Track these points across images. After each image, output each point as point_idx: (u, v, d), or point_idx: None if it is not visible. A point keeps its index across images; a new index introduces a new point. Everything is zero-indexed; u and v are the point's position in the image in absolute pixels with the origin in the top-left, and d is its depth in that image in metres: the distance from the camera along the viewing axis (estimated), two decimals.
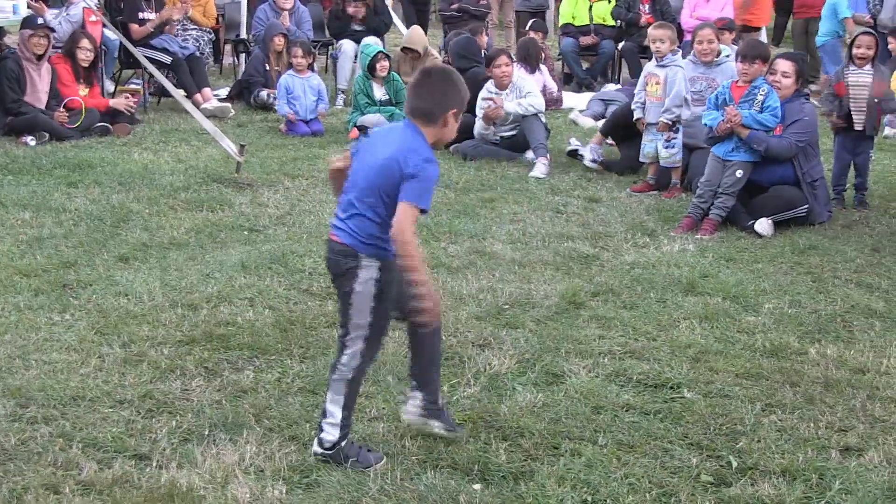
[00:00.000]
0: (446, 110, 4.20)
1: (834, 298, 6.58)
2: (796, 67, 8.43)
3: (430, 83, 4.27)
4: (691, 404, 5.02)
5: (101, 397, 4.90)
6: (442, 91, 4.23)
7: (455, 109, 4.22)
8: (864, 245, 7.78)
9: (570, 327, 5.95)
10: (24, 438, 4.48)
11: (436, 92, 4.23)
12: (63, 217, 7.77)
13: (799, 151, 8.11)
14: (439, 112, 4.19)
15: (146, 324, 5.80)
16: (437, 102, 4.20)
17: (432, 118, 4.19)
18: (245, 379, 5.16)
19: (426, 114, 4.20)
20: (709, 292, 6.57)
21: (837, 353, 5.71)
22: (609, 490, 4.21)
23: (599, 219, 8.35)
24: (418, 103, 4.23)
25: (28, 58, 10.45)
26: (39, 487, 4.10)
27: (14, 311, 5.92)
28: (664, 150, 9.21)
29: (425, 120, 4.19)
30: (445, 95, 4.22)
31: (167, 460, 4.35)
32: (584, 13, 14.66)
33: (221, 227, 7.73)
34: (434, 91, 4.24)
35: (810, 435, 4.75)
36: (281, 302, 6.22)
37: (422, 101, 4.22)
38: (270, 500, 4.06)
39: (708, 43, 9.24)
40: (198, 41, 13.38)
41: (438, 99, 4.21)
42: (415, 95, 4.26)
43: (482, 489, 4.20)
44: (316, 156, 10.20)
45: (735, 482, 4.32)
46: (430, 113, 4.19)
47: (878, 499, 4.20)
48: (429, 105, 4.20)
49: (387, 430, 4.65)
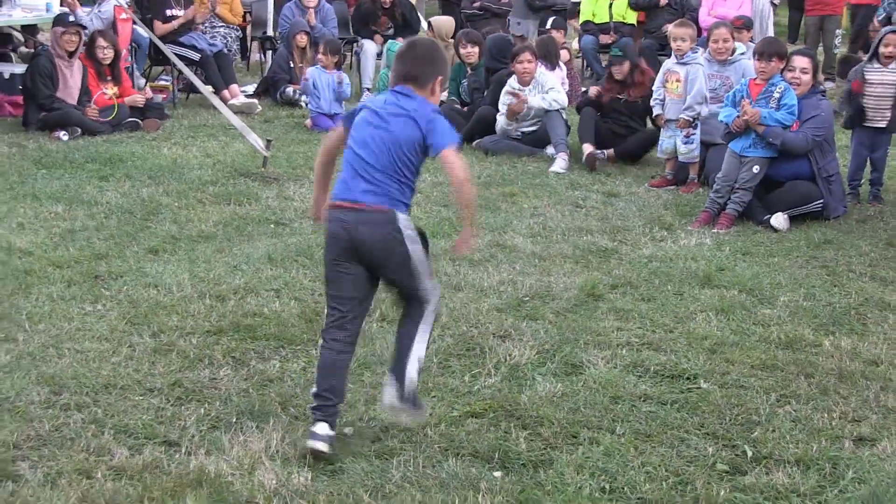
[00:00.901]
0: (434, 76, 4.45)
1: (848, 292, 6.56)
2: (813, 63, 8.40)
3: (417, 52, 4.51)
4: (707, 395, 5.02)
5: (131, 385, 4.93)
6: (430, 59, 4.49)
7: (440, 77, 4.49)
8: (879, 239, 7.75)
9: (588, 319, 5.95)
10: (58, 425, 4.52)
11: (424, 60, 4.48)
12: (95, 210, 7.82)
13: (815, 147, 8.07)
14: (427, 77, 4.44)
15: (175, 314, 5.83)
16: (424, 69, 4.44)
17: (421, 82, 4.42)
18: (271, 368, 5.19)
19: (416, 78, 4.43)
20: (725, 285, 6.56)
21: (851, 345, 5.70)
22: (626, 478, 4.21)
23: (618, 213, 8.34)
24: (408, 69, 4.45)
25: (60, 55, 10.48)
26: (73, 472, 4.14)
27: (48, 301, 5.96)
28: (682, 146, 9.18)
29: (416, 84, 4.43)
30: (433, 63, 4.48)
31: (196, 447, 4.38)
32: (604, 11, 14.59)
33: (248, 220, 7.75)
34: (422, 59, 4.48)
35: (824, 425, 4.75)
36: (306, 293, 6.24)
37: (411, 68, 4.45)
38: (296, 486, 4.08)
39: (723, 42, 9.22)
40: (225, 38, 13.41)
41: (427, 66, 4.46)
42: (404, 63, 4.50)
43: (502, 476, 4.22)
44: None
45: (750, 471, 4.33)
46: (418, 77, 4.42)
47: (890, 487, 4.19)
48: (417, 71, 4.43)
49: None
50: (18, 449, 4.32)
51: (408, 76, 4.44)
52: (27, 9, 11.94)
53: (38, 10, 11.92)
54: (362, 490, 4.08)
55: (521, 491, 4.10)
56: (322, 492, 4.06)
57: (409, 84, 4.43)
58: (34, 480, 4.08)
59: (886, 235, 7.86)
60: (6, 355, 5.20)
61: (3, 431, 4.43)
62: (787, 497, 4.13)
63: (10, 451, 4.29)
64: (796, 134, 7.99)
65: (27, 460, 4.23)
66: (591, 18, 14.74)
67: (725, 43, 9.21)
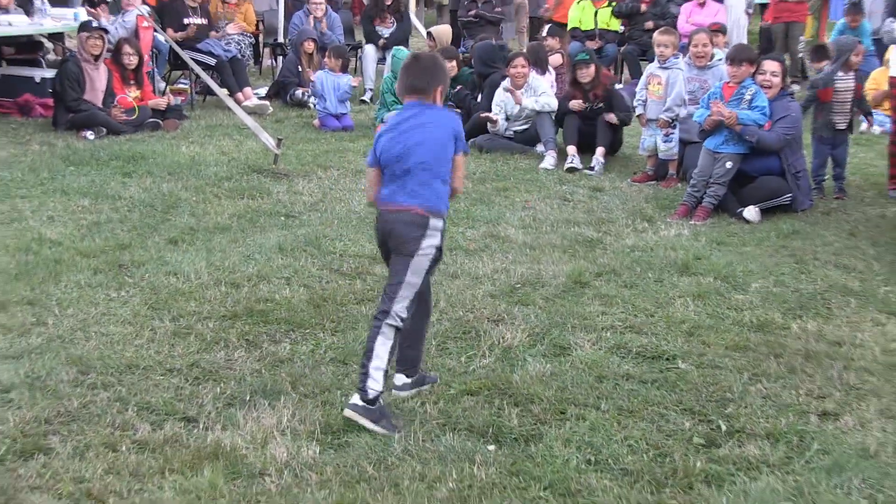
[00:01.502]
0: (436, 86, 4.52)
1: (814, 278, 6.57)
2: (783, 67, 8.45)
3: (421, 65, 4.59)
4: (685, 374, 5.03)
5: (153, 366, 4.94)
6: (432, 71, 4.56)
7: (441, 87, 4.56)
8: (842, 230, 7.75)
9: (575, 304, 5.96)
10: (86, 402, 4.53)
11: (426, 72, 4.55)
12: (119, 204, 7.81)
13: (787, 144, 8.10)
14: (430, 88, 4.52)
15: (193, 300, 5.84)
16: (428, 80, 4.52)
17: (425, 93, 4.51)
18: (282, 350, 5.19)
19: (421, 89, 4.51)
20: (701, 273, 6.56)
21: (817, 327, 5.70)
22: (610, 451, 4.22)
23: (603, 206, 8.34)
24: (413, 81, 4.54)
25: (86, 59, 10.47)
26: (99, 446, 4.15)
27: (75, 288, 5.96)
28: (662, 144, 9.21)
29: (421, 94, 4.53)
30: (434, 75, 4.55)
31: (212, 423, 4.38)
32: (589, 19, 14.59)
33: (261, 213, 7.75)
34: (425, 71, 4.55)
35: (792, 401, 4.76)
36: (314, 281, 6.24)
37: (416, 80, 4.53)
38: (305, 459, 4.09)
39: (703, 47, 9.20)
40: (239, 45, 13.38)
41: (429, 77, 4.53)
42: (410, 75, 4.59)
43: (496, 450, 4.22)
44: (346, 149, 10.21)
45: (724, 444, 4.33)
46: (424, 89, 4.51)
47: (851, 458, 4.20)
48: (422, 83, 4.51)
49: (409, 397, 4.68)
50: (50, 424, 4.33)
51: (414, 88, 4.52)
52: (56, 18, 11.95)
53: (66, 19, 11.91)
54: (366, 462, 4.08)
55: (513, 463, 4.11)
56: (329, 464, 4.07)
57: (415, 95, 4.52)
58: (64, 453, 4.09)
59: (849, 227, 7.86)
60: (38, 338, 5.21)
61: (36, 408, 4.44)
62: (757, 468, 4.14)
63: (42, 426, 4.30)
64: (770, 133, 8.01)
65: (58, 434, 4.24)
66: (578, 25, 14.73)
67: (705, 48, 9.20)
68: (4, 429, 4.26)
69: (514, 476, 4.01)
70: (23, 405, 4.48)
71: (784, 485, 4.00)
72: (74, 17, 11.76)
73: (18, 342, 5.15)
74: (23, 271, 6.19)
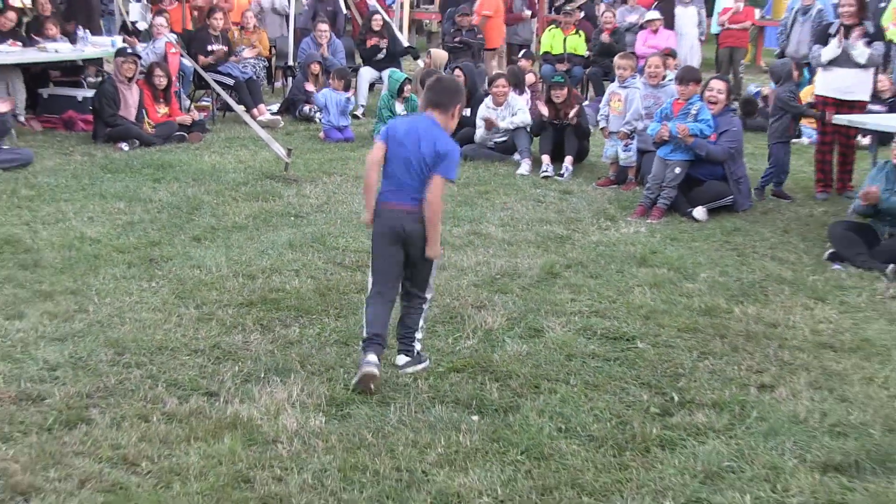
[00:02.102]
0: (455, 104, 4.59)
1: (753, 269, 6.58)
2: (728, 87, 8.51)
3: (443, 85, 4.68)
4: (643, 352, 5.04)
5: (180, 347, 4.92)
6: (453, 91, 4.64)
7: (459, 105, 4.62)
8: (777, 228, 7.77)
9: (548, 292, 5.96)
10: (121, 379, 4.52)
11: (448, 91, 4.63)
12: (149, 206, 7.77)
13: (730, 156, 8.13)
14: (451, 105, 4.57)
15: (214, 290, 5.82)
16: (449, 98, 4.59)
17: (446, 109, 4.56)
18: (292, 333, 5.18)
19: (442, 105, 4.56)
20: (657, 265, 6.57)
21: (756, 311, 5.72)
22: (578, 420, 4.23)
23: (571, 207, 8.33)
24: (436, 98, 4.59)
25: (121, 80, 10.41)
26: (133, 417, 4.14)
27: (112, 279, 5.93)
28: (623, 154, 9.22)
29: (442, 110, 4.56)
30: (455, 94, 4.63)
31: (231, 397, 4.37)
32: (559, 44, 14.57)
33: (273, 213, 7.72)
34: (447, 91, 4.63)
35: (734, 375, 4.78)
36: (320, 273, 6.23)
37: (438, 97, 4.58)
38: (312, 428, 4.09)
39: (656, 68, 9.20)
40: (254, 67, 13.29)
41: (450, 96, 4.59)
42: (434, 92, 4.63)
43: (479, 420, 4.23)
44: (348, 157, 10.18)
45: (676, 413, 4.35)
46: (446, 105, 4.56)
47: (784, 424, 4.23)
48: (444, 99, 4.57)
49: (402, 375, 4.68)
50: (90, 398, 4.32)
51: (437, 103, 4.56)
52: (96, 45, 12.04)
53: (104, 45, 11.97)
54: (366, 431, 4.08)
55: (494, 431, 4.12)
56: (333, 432, 4.06)
57: (436, 110, 4.56)
58: (103, 423, 4.08)
59: (782, 224, 7.88)
60: (80, 323, 5.19)
61: (78, 384, 4.43)
62: (705, 433, 4.15)
63: (84, 399, 4.30)
64: (716, 146, 8.04)
65: (97, 407, 4.23)
66: (549, 50, 14.71)
67: (658, 69, 9.19)
68: (51, 402, 4.26)
69: (494, 442, 4.02)
70: (67, 382, 4.46)
71: (727, 447, 4.03)
72: (112, 45, 11.79)
73: (63, 327, 5.13)
74: (67, 265, 6.16)
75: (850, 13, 8.49)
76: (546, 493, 3.65)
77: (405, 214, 4.50)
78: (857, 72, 8.53)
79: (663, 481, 3.75)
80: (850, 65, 8.51)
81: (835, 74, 8.65)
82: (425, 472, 3.77)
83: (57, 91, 11.64)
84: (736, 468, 3.87)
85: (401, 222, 4.51)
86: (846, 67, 8.54)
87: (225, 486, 3.63)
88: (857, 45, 8.38)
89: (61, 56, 11.32)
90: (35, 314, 5.29)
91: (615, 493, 3.67)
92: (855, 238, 6.83)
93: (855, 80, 8.58)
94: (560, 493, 3.66)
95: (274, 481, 3.68)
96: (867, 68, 8.56)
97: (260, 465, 3.78)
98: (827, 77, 8.77)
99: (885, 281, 6.37)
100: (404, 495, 3.60)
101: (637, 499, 3.63)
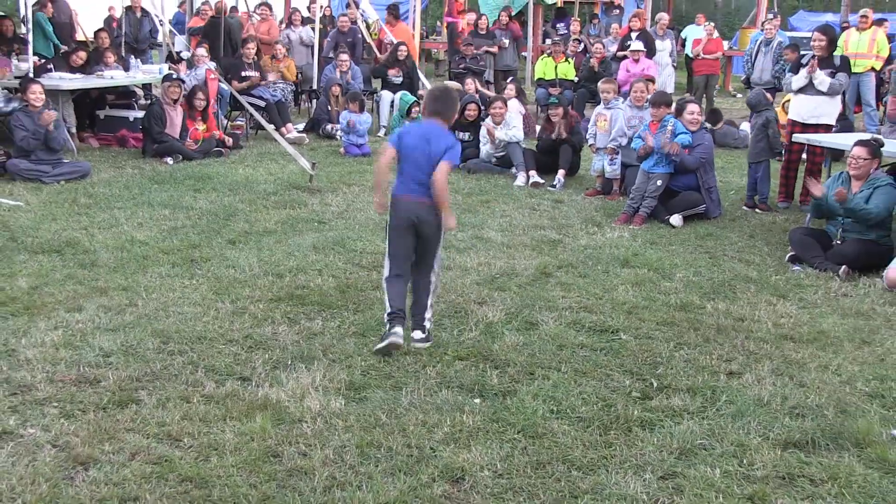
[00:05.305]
0: (453, 113, 4.89)
1: (723, 270, 6.57)
2: (701, 109, 8.54)
3: (445, 96, 4.87)
4: (626, 343, 5.03)
5: (217, 338, 4.92)
6: (452, 101, 4.89)
7: (454, 113, 4.92)
8: (744, 233, 7.75)
9: (541, 290, 5.95)
10: (166, 365, 4.52)
11: (448, 101, 4.85)
12: (191, 213, 7.78)
13: (701, 166, 8.14)
14: (450, 114, 4.84)
15: (247, 287, 5.82)
16: (449, 107, 4.83)
17: (446, 116, 4.79)
18: (316, 326, 5.17)
19: (443, 113, 4.78)
20: (638, 266, 6.56)
21: (725, 307, 5.71)
22: (569, 403, 4.22)
23: (563, 214, 8.32)
24: (439, 107, 4.79)
25: (167, 102, 10.44)
26: (177, 398, 4.14)
27: (158, 277, 5.94)
28: (609, 167, 9.21)
29: (443, 117, 4.77)
30: (454, 104, 4.91)
31: (262, 381, 4.37)
32: (551, 71, 14.58)
33: (299, 220, 7.73)
34: (448, 101, 4.85)
35: (707, 364, 4.76)
36: (341, 272, 6.23)
37: (441, 106, 4.79)
38: (333, 409, 4.09)
39: (640, 92, 9.21)
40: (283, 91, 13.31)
41: (450, 106, 4.85)
42: (436, 102, 4.80)
43: (481, 402, 4.22)
44: (365, 170, 10.18)
45: (655, 397, 4.34)
46: (446, 113, 4.79)
47: (750, 406, 4.22)
48: (445, 109, 4.80)
49: (413, 361, 4.68)
50: (139, 381, 4.32)
51: (439, 111, 4.75)
52: (146, 72, 12.19)
53: (153, 72, 12.11)
54: (380, 412, 4.08)
55: (494, 412, 4.11)
56: (352, 413, 4.06)
57: (437, 117, 4.75)
58: (150, 403, 4.09)
59: (749, 230, 7.87)
60: (130, 316, 5.19)
61: (129, 369, 4.44)
62: (680, 414, 4.14)
63: (134, 382, 4.30)
64: (689, 157, 8.07)
65: (145, 389, 4.24)
66: (542, 76, 14.72)
67: (642, 93, 9.20)
68: (106, 384, 4.26)
69: (494, 422, 4.01)
70: (119, 367, 4.47)
71: (700, 427, 4.01)
72: (160, 71, 11.89)
73: (116, 319, 5.14)
74: (119, 265, 6.17)
75: (821, 47, 8.58)
76: (540, 468, 3.65)
77: (418, 205, 4.68)
78: (822, 99, 8.54)
79: (644, 457, 3.74)
80: (815, 92, 8.52)
81: (802, 101, 8.66)
82: (433, 448, 3.77)
83: (112, 112, 11.71)
84: (708, 445, 3.86)
85: (415, 212, 4.69)
86: (810, 94, 8.57)
87: (256, 459, 3.63)
88: (818, 75, 8.41)
89: (116, 82, 11.45)
90: (92, 307, 5.30)
91: (601, 468, 3.66)
92: (812, 242, 6.82)
93: (820, 105, 8.58)
94: (552, 467, 3.65)
95: (299, 456, 3.68)
96: (832, 96, 8.56)
97: (287, 442, 3.78)
98: (796, 103, 8.80)
99: (837, 280, 6.36)
100: (415, 469, 3.60)
101: (620, 472, 3.62)
